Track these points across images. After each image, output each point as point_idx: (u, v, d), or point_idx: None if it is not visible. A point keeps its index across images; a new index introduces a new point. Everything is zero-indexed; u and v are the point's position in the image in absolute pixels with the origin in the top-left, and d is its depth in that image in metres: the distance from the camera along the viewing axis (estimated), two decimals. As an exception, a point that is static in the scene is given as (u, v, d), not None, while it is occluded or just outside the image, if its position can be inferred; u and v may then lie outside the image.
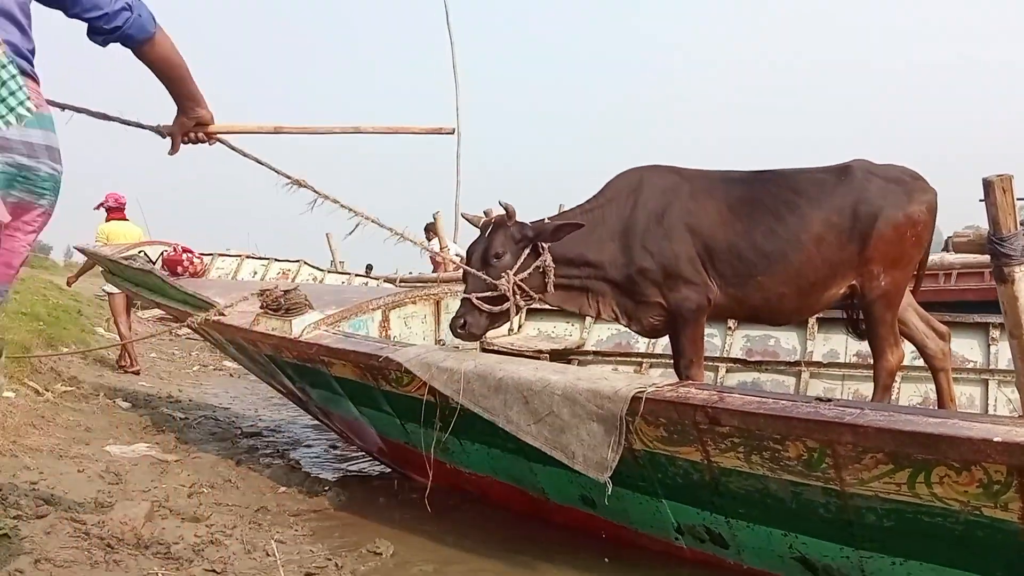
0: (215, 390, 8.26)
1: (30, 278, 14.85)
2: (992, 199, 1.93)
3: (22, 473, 4.12)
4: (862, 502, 2.42)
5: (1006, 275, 2.00)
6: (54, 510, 3.63)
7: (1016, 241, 1.94)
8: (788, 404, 2.45)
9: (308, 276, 9.38)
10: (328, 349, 4.00)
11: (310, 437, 6.18)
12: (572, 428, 2.79)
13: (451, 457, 4.07)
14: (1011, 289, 2.02)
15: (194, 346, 10.76)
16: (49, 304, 10.34)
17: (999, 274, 2.01)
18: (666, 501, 3.04)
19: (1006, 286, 2.03)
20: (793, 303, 3.93)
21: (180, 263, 6.32)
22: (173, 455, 5.05)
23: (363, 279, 9.83)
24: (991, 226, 1.99)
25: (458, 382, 3.19)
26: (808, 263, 3.83)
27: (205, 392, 8.09)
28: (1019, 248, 1.94)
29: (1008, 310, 2.07)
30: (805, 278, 3.85)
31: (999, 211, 1.94)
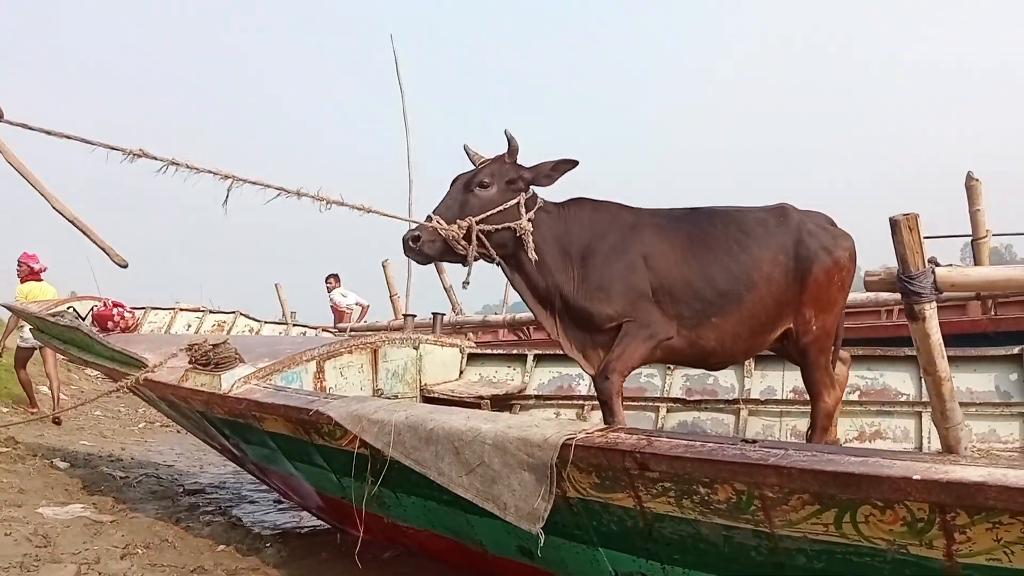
0: (160, 447, 8.07)
1: None
2: (900, 237, 1.95)
3: None
4: (792, 544, 2.39)
5: (916, 313, 2.02)
6: None
7: (924, 279, 1.96)
8: (715, 447, 2.42)
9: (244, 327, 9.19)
10: (258, 404, 3.90)
11: (254, 493, 6.06)
12: (503, 478, 2.73)
13: (388, 511, 3.98)
14: (922, 326, 2.04)
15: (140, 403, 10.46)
16: (-10, 363, 9.98)
17: (910, 312, 2.03)
18: (602, 549, 2.98)
19: (917, 323, 2.04)
20: (744, 345, 3.89)
21: (110, 318, 6.17)
22: (109, 515, 4.91)
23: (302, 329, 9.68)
24: (900, 264, 2.01)
25: (388, 434, 3.12)
26: (760, 303, 3.78)
27: (149, 450, 7.90)
28: (928, 286, 1.96)
29: (920, 347, 2.09)
30: (757, 319, 3.80)
31: (907, 249, 1.96)
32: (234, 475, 6.61)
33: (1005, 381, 4.53)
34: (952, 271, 2.01)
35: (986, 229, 6.37)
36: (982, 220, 6.31)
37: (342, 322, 11.92)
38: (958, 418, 2.15)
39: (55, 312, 6.16)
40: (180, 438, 8.56)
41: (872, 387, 4.88)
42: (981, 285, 2.04)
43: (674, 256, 3.78)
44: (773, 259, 3.80)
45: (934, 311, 2.03)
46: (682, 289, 3.74)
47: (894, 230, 1.96)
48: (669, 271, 3.75)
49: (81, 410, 9.32)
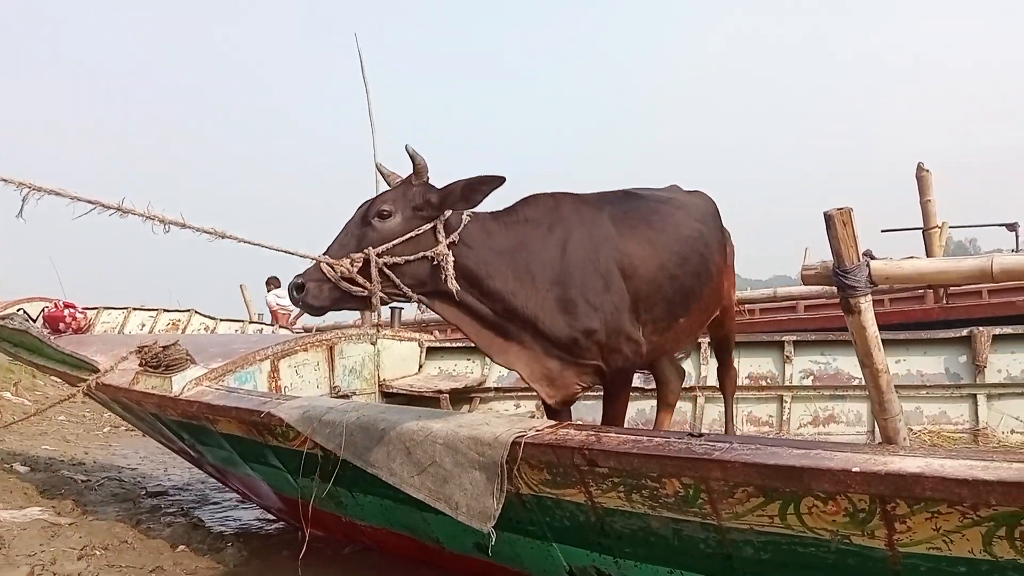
0: (124, 451, 7.95)
1: None
2: (834, 232, 1.96)
3: None
4: (738, 535, 2.41)
5: (852, 306, 2.04)
6: None
7: (859, 272, 1.97)
8: (661, 442, 2.44)
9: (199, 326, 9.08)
10: (209, 407, 3.86)
11: (217, 494, 5.98)
12: (455, 478, 2.72)
13: (345, 510, 3.97)
14: (858, 319, 2.05)
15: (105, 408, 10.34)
16: (-50, 370, 9.79)
17: (846, 305, 2.05)
18: (556, 544, 2.99)
19: (853, 317, 2.06)
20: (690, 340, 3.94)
21: (62, 319, 6.05)
22: (68, 518, 4.82)
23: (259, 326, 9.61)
24: (835, 258, 2.02)
25: (340, 435, 3.10)
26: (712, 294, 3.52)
27: (113, 453, 7.78)
28: (863, 279, 1.98)
29: (857, 340, 2.11)
30: (706, 314, 3.60)
31: (841, 243, 1.97)
32: (197, 478, 6.52)
33: (955, 363, 4.62)
34: (886, 264, 2.03)
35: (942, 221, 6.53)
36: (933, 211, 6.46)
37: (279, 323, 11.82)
38: (896, 409, 2.17)
39: (3, 315, 6.04)
40: (145, 442, 8.45)
41: (825, 371, 4.94)
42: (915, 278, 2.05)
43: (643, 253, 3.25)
44: (720, 248, 3.65)
45: (869, 304, 2.05)
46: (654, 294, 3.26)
47: (828, 224, 1.98)
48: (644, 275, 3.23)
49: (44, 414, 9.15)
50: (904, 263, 2.04)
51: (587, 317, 3.07)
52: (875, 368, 2.11)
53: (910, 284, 2.92)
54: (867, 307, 2.05)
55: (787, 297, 9.10)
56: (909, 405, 4.49)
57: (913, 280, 2.05)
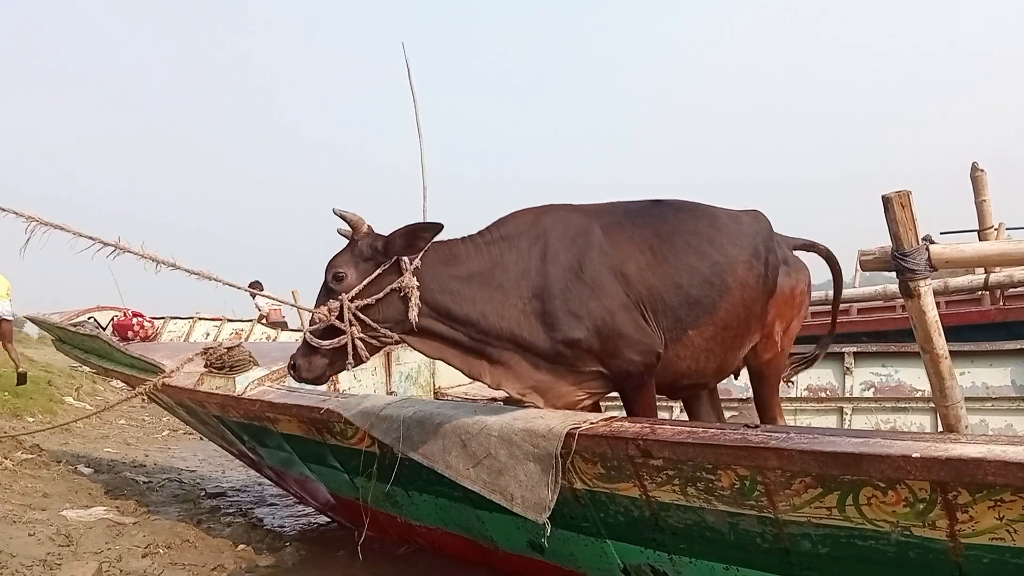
0: (183, 454, 8.17)
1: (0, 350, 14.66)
2: (892, 215, 1.95)
3: None
4: (796, 529, 2.39)
5: (911, 290, 2.02)
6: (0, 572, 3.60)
7: (919, 255, 1.96)
8: (716, 432, 2.43)
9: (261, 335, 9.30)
10: (271, 405, 3.95)
11: (274, 496, 6.11)
12: (510, 469, 2.75)
13: (400, 510, 4.01)
14: (918, 304, 2.03)
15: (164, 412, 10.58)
16: (18, 376, 10.18)
17: (905, 289, 2.03)
18: (610, 541, 2.99)
19: (913, 301, 2.04)
20: (715, 364, 3.32)
21: (130, 327, 6.28)
22: (131, 517, 4.98)
23: None
24: (893, 242, 2.00)
25: (397, 429, 3.15)
26: (734, 310, 3.24)
27: (172, 456, 7.99)
28: (922, 262, 1.96)
29: (917, 324, 2.08)
30: (731, 332, 3.27)
31: (900, 227, 1.96)
32: (255, 479, 6.66)
33: (1021, 375, 4.50)
34: (947, 248, 2.01)
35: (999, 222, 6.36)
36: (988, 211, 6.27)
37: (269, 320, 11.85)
38: (957, 396, 2.14)
39: (75, 322, 6.28)
40: (202, 445, 8.65)
41: (887, 384, 4.85)
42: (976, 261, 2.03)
43: (640, 259, 3.18)
44: (748, 261, 3.29)
45: (929, 288, 2.03)
46: (656, 299, 3.15)
47: (887, 207, 1.96)
48: (642, 278, 3.15)
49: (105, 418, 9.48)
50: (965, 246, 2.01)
51: (568, 327, 3.02)
52: (935, 353, 2.09)
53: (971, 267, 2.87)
54: (927, 291, 2.03)
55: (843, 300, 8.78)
56: (975, 418, 4.38)
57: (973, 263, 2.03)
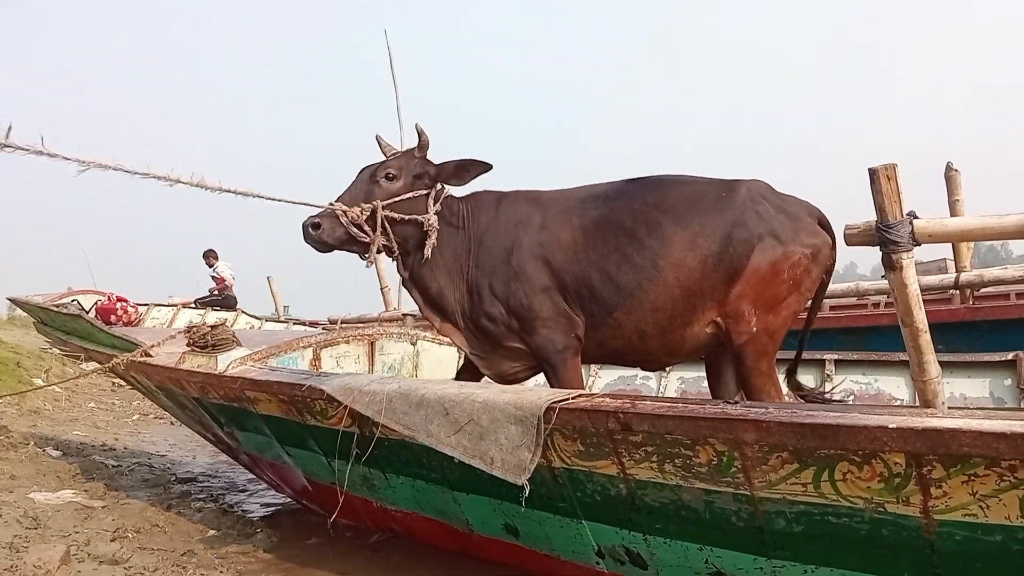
0: (154, 438, 8.07)
1: None
2: (878, 186, 1.97)
3: None
4: (771, 506, 2.40)
5: (894, 262, 2.04)
6: None
7: (902, 228, 1.98)
8: (696, 407, 2.45)
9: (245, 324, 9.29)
10: (252, 382, 3.93)
11: (245, 481, 6.05)
12: (491, 433, 2.74)
13: (377, 494, 3.99)
14: (900, 276, 2.06)
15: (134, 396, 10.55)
16: (-14, 356, 10.08)
17: (887, 261, 2.05)
18: (586, 522, 2.99)
19: (895, 273, 2.06)
20: (657, 343, 3.42)
21: (114, 311, 6.27)
22: (100, 501, 4.92)
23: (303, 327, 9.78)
24: (878, 214, 2.03)
25: (380, 403, 3.14)
26: (665, 294, 3.31)
27: (143, 440, 7.90)
28: (906, 235, 1.98)
29: (898, 297, 2.10)
30: (665, 312, 3.33)
31: (885, 199, 1.98)
32: (226, 465, 6.59)
33: (999, 387, 4.52)
34: (930, 222, 2.03)
35: None
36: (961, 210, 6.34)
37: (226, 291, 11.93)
38: (934, 372, 2.16)
39: (59, 304, 6.24)
40: (173, 430, 8.58)
41: (867, 392, 4.87)
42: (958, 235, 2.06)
43: (570, 247, 3.43)
44: (689, 242, 3.32)
45: (911, 262, 2.05)
46: (578, 285, 3.40)
47: (872, 179, 1.99)
48: (566, 267, 3.41)
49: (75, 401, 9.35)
50: (947, 220, 2.04)
51: (490, 303, 3.47)
52: (915, 327, 2.12)
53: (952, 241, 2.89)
54: (909, 264, 2.05)
55: None
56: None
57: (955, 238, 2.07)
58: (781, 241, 3.32)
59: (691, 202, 3.40)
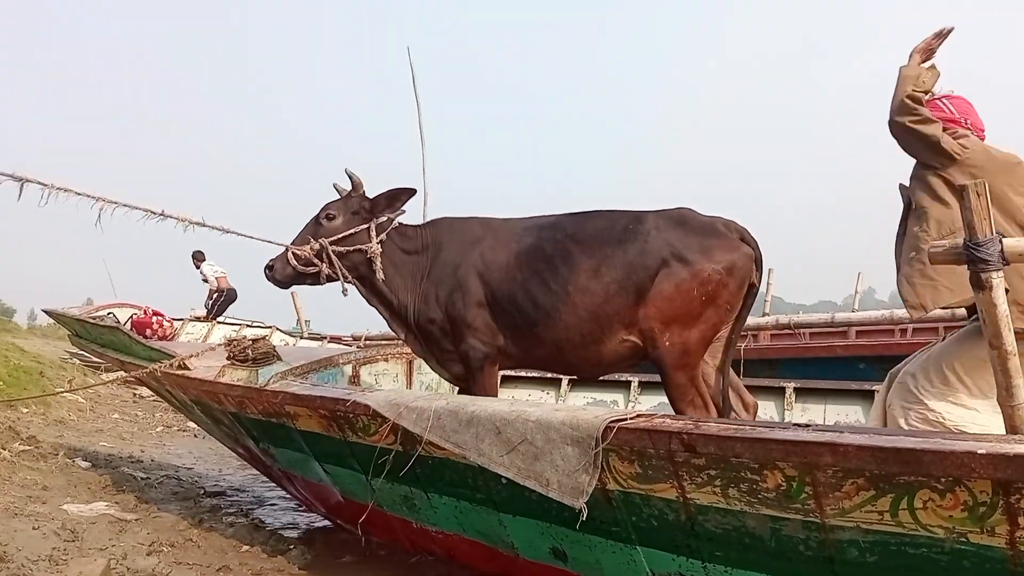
0: (179, 450, 8.05)
1: None
2: (968, 203, 1.91)
3: None
4: (844, 535, 2.31)
5: (983, 281, 1.97)
6: (6, 567, 3.53)
7: (992, 246, 1.91)
8: (766, 429, 2.37)
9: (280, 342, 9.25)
10: (295, 397, 3.88)
11: (275, 496, 6.00)
12: (546, 454, 2.68)
13: (417, 514, 3.91)
14: (989, 296, 1.98)
15: (158, 407, 10.65)
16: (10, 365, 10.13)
17: (976, 280, 1.98)
18: (640, 548, 2.90)
19: (984, 293, 1.99)
20: (576, 356, 3.85)
21: (149, 325, 6.28)
22: (133, 514, 4.89)
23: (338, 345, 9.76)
24: (967, 231, 1.96)
25: (427, 419, 3.09)
26: (573, 315, 3.72)
27: (168, 452, 7.87)
28: (995, 254, 1.92)
29: (987, 318, 2.03)
30: (576, 331, 3.75)
31: (975, 215, 1.92)
32: (254, 478, 6.55)
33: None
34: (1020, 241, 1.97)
35: None
36: None
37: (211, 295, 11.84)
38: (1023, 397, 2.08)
39: (94, 316, 6.24)
40: (198, 442, 8.55)
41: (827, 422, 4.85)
42: (1050, 255, 1.99)
43: (506, 270, 3.90)
44: (593, 271, 3.71)
45: (1001, 281, 1.98)
46: (506, 302, 3.87)
47: (963, 195, 1.93)
48: (498, 285, 3.89)
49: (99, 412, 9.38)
50: (1039, 239, 1.97)
51: (433, 309, 4.00)
52: (1003, 350, 2.03)
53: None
54: (998, 283, 1.98)
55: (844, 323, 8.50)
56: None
57: (1050, 257, 1.98)
58: (688, 262, 3.62)
59: (599, 234, 3.83)
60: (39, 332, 14.45)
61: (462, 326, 3.90)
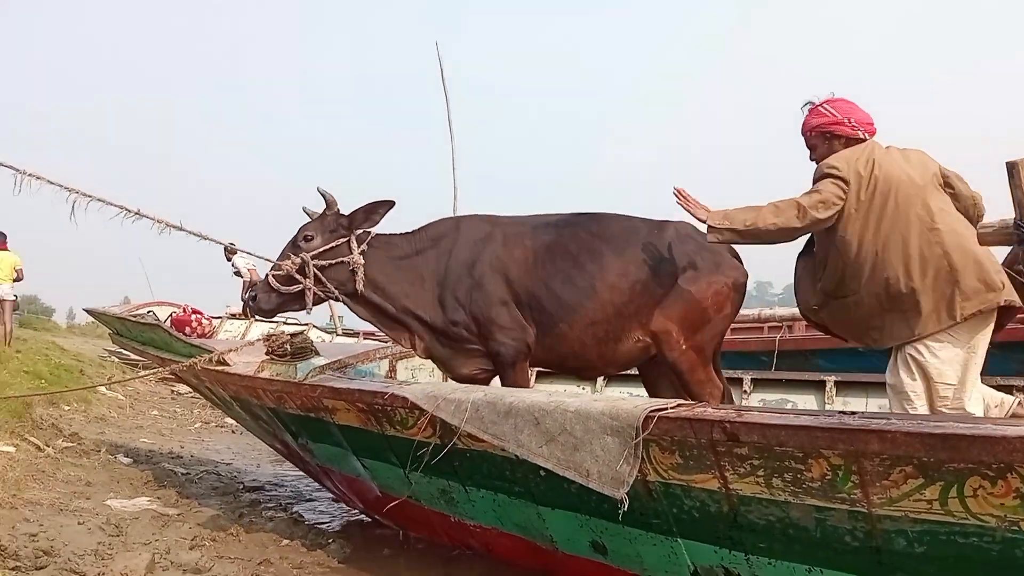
0: (217, 446, 8.16)
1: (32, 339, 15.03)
2: (1017, 181, 1.86)
3: (21, 525, 4.12)
4: (891, 525, 2.26)
5: (1035, 257, 1.93)
6: (53, 561, 3.62)
7: (1043, 223, 1.87)
8: (810, 417, 2.33)
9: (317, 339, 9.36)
10: (332, 390, 3.90)
11: (313, 491, 6.06)
12: (586, 444, 2.66)
13: (455, 508, 3.91)
14: (1039, 271, 1.95)
15: (196, 403, 10.80)
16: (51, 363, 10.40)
17: (1022, 259, 1.94)
18: (681, 540, 2.87)
19: (1035, 268, 1.95)
20: (594, 353, 3.92)
21: (188, 323, 6.36)
22: (175, 509, 4.98)
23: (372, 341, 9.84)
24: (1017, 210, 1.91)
25: (465, 411, 3.08)
26: (600, 311, 3.84)
27: (207, 448, 7.99)
28: (1045, 230, 1.87)
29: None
30: (601, 327, 3.86)
31: (1023, 194, 1.88)
32: (292, 473, 6.62)
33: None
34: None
35: None
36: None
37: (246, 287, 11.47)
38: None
39: (135, 314, 6.33)
40: (236, 438, 8.66)
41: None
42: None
43: (524, 265, 3.93)
44: (621, 269, 3.87)
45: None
46: (530, 297, 3.89)
47: (1011, 173, 1.88)
48: (520, 280, 3.91)
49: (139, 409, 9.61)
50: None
51: (453, 311, 3.94)
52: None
53: None
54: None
55: None
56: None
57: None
58: (704, 273, 3.86)
59: (627, 235, 3.98)
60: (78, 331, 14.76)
61: (489, 324, 3.89)
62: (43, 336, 18.40)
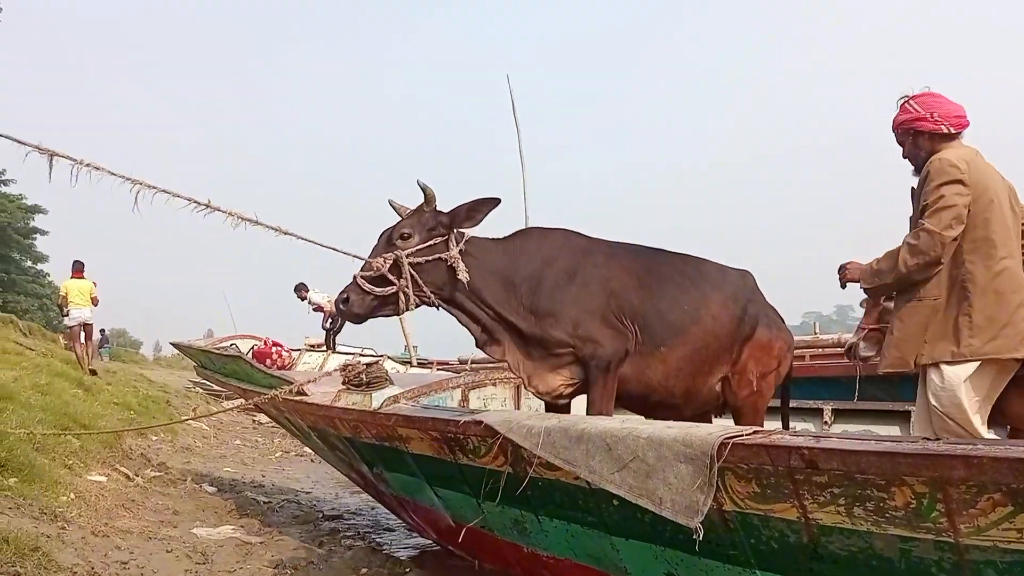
0: (297, 475, 8.33)
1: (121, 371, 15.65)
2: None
3: (113, 553, 4.29)
4: (979, 555, 2.16)
5: None
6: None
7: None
8: (892, 442, 2.26)
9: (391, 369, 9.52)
10: (406, 419, 3.96)
11: (390, 520, 6.14)
12: (658, 472, 2.62)
13: (528, 538, 3.89)
14: None
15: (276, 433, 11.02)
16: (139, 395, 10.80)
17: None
18: (760, 572, 2.79)
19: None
20: (681, 387, 3.91)
21: (269, 355, 6.53)
22: (257, 537, 5.10)
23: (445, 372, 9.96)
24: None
25: (538, 435, 3.08)
26: (703, 338, 3.87)
27: (287, 477, 8.16)
28: None
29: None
30: (698, 355, 3.88)
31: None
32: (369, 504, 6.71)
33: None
34: None
35: None
36: None
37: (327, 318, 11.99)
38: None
39: (218, 348, 6.54)
40: (315, 467, 8.83)
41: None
42: None
43: (628, 281, 3.85)
44: (723, 301, 3.98)
45: None
46: (633, 315, 3.79)
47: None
48: (624, 295, 3.81)
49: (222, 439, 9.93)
50: None
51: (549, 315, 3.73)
52: None
53: None
54: None
55: None
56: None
57: None
58: (774, 325, 4.18)
59: (721, 273, 4.15)
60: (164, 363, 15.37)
61: (590, 326, 3.71)
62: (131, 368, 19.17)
